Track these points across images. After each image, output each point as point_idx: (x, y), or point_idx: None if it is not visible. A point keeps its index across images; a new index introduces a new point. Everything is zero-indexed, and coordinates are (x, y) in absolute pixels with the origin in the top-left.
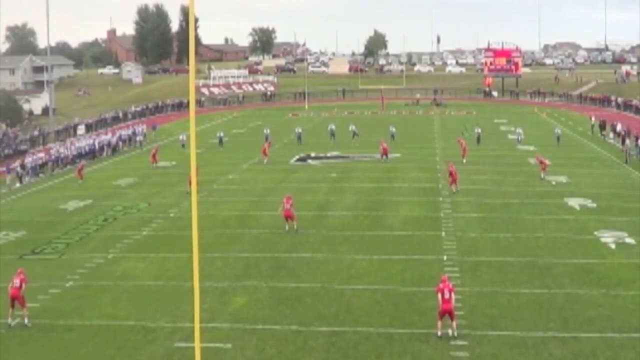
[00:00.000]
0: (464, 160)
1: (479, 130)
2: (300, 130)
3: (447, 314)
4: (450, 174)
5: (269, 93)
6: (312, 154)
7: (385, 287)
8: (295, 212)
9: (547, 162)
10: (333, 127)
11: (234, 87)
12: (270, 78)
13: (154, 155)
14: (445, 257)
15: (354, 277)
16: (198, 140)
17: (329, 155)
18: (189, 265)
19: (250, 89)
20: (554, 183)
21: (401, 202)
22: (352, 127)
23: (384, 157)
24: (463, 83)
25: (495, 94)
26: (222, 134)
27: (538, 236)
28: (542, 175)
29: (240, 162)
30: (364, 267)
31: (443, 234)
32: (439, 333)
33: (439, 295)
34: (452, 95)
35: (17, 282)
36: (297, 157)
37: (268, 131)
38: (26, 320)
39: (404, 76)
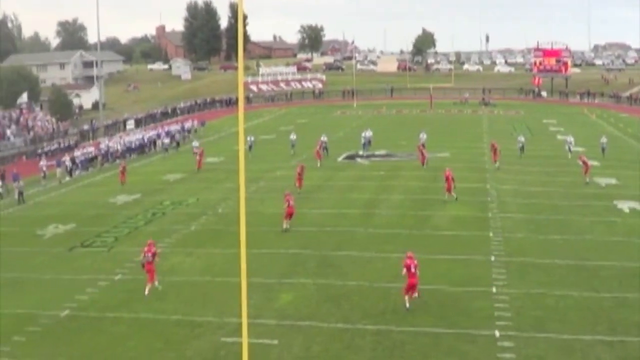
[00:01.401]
0: (497, 165)
1: (523, 140)
2: (369, 134)
3: (412, 287)
4: (447, 179)
5: (317, 90)
6: (360, 152)
7: (431, 287)
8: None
9: (590, 163)
10: (369, 134)
11: (282, 84)
12: (319, 75)
13: (199, 162)
14: (492, 258)
15: (401, 276)
16: (246, 137)
17: (376, 153)
18: (236, 261)
19: (299, 86)
20: (603, 185)
21: (448, 201)
22: (367, 134)
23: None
24: (512, 83)
25: (544, 94)
26: (252, 139)
27: (586, 238)
28: (587, 179)
29: (288, 159)
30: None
31: (490, 234)
32: (407, 305)
33: (405, 270)
34: (500, 95)
35: (149, 255)
36: (345, 155)
37: (294, 137)
38: (157, 283)
39: (453, 75)
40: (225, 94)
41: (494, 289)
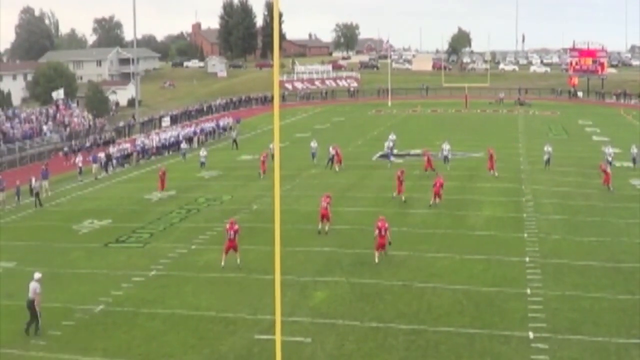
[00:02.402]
0: (496, 173)
1: (550, 150)
2: (393, 139)
3: (382, 246)
4: (435, 185)
5: (352, 89)
6: (395, 151)
7: (466, 287)
8: (331, 213)
9: (609, 171)
10: (392, 141)
11: (317, 83)
12: (354, 74)
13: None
14: (527, 259)
15: (435, 275)
16: (282, 135)
17: (411, 152)
18: (270, 258)
19: (334, 84)
20: (639, 187)
21: (484, 201)
22: (390, 139)
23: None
24: (548, 83)
25: (580, 94)
26: (272, 147)
27: (622, 240)
28: (610, 188)
29: (324, 157)
30: (445, 266)
31: (525, 235)
32: (376, 260)
33: (377, 232)
34: (536, 95)
35: (231, 233)
36: (380, 153)
37: (315, 145)
38: (238, 261)
39: (488, 74)
40: (260, 91)
41: (529, 290)
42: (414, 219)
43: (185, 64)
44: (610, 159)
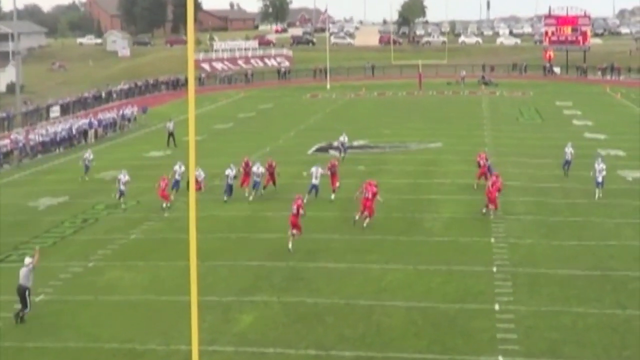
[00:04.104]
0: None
1: (571, 151)
2: (344, 139)
3: (366, 209)
4: (365, 201)
5: (283, 69)
6: (335, 143)
7: (422, 304)
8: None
9: (499, 183)
10: (344, 138)
11: (240, 62)
12: (285, 51)
13: (163, 191)
14: (495, 269)
15: (385, 291)
16: (198, 126)
17: (355, 144)
18: (186, 276)
19: (261, 64)
20: (630, 179)
21: (442, 201)
22: (342, 138)
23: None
24: (518, 57)
25: (557, 70)
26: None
27: (610, 244)
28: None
29: (249, 152)
30: (397, 279)
31: (493, 240)
32: (357, 217)
33: (360, 193)
34: (504, 73)
35: (294, 207)
36: (317, 146)
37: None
38: (290, 245)
39: (446, 49)
40: (172, 73)
41: (497, 306)
42: (358, 223)
43: (78, 40)
44: (600, 176)
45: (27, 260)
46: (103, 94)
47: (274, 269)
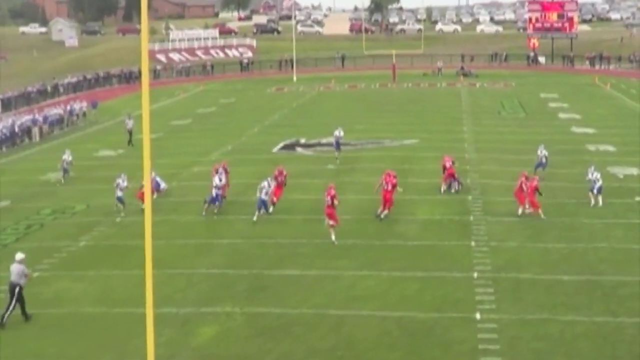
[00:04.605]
0: (442, 189)
1: (545, 153)
2: (339, 133)
3: (387, 202)
4: (386, 194)
5: (245, 61)
6: (302, 140)
7: (397, 314)
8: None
9: (536, 182)
10: (339, 133)
11: (199, 53)
12: (248, 41)
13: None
14: (475, 274)
15: (357, 299)
16: (153, 123)
17: (324, 141)
18: (141, 286)
19: (221, 55)
20: (621, 177)
21: (418, 202)
22: (338, 133)
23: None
24: (500, 46)
25: (542, 60)
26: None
27: (600, 247)
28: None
29: (209, 150)
30: (370, 287)
31: (473, 243)
32: (381, 215)
33: (380, 186)
34: (485, 63)
35: (328, 199)
36: (283, 144)
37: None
38: (333, 237)
39: (422, 38)
40: (124, 65)
41: (479, 315)
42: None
43: (21, 29)
44: (596, 187)
45: (20, 256)
46: (49, 88)
47: (236, 278)
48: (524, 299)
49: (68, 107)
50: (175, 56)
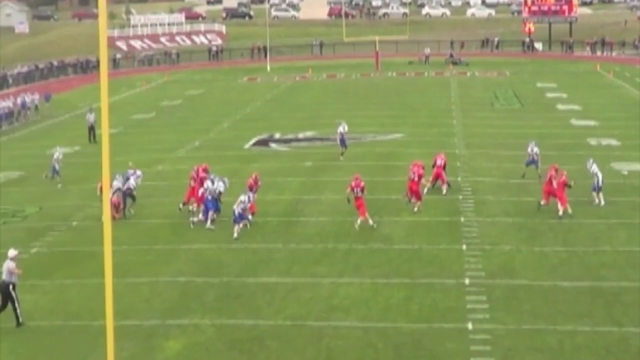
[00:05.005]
0: (426, 189)
1: (536, 151)
2: (343, 128)
3: (414, 194)
4: (412, 184)
5: (214, 48)
6: (277, 135)
7: (381, 324)
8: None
9: (564, 176)
10: (343, 128)
11: (163, 40)
12: (217, 27)
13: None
14: (467, 281)
15: (338, 309)
16: (113, 117)
17: (300, 136)
18: (100, 297)
19: (188, 42)
20: (625, 173)
21: (404, 202)
22: (342, 128)
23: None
24: (492, 31)
25: (539, 46)
26: (92, 117)
27: (602, 250)
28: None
29: (175, 147)
30: (351, 296)
31: (464, 247)
32: (414, 208)
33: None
34: (476, 50)
35: (357, 190)
36: (255, 139)
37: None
38: (371, 222)
39: (408, 23)
40: (80, 54)
41: (470, 325)
42: (306, 229)
43: None
44: (596, 181)
45: (13, 252)
46: None
47: (205, 286)
48: (520, 308)
49: (18, 100)
50: (136, 43)
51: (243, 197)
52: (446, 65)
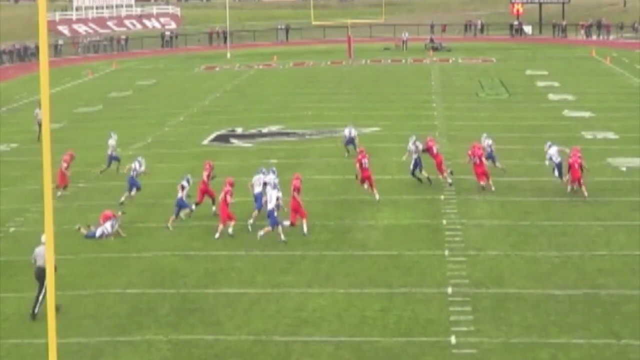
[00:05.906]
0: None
1: (489, 142)
2: (352, 133)
3: (481, 176)
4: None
5: (168, 33)
6: (239, 130)
7: (356, 338)
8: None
9: (582, 163)
10: (351, 132)
11: (111, 24)
12: (170, 9)
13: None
14: (450, 290)
15: (307, 322)
16: (55, 110)
17: (264, 131)
18: (40, 311)
19: (139, 26)
20: (624, 169)
21: (380, 203)
22: (348, 132)
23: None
24: (477, 13)
25: (528, 29)
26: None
27: (599, 255)
28: (569, 188)
29: (124, 143)
30: (322, 308)
31: (447, 252)
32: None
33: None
34: (459, 35)
35: (365, 162)
36: (215, 135)
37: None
38: (377, 197)
39: (384, 4)
40: (17, 40)
41: (454, 339)
42: (271, 235)
43: None
44: (555, 164)
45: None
46: None
47: (159, 298)
48: (508, 319)
49: None
50: (80, 28)
51: (278, 194)
52: (426, 52)
